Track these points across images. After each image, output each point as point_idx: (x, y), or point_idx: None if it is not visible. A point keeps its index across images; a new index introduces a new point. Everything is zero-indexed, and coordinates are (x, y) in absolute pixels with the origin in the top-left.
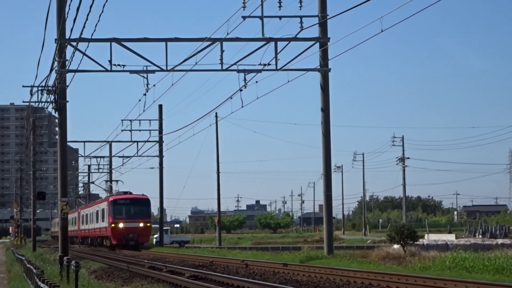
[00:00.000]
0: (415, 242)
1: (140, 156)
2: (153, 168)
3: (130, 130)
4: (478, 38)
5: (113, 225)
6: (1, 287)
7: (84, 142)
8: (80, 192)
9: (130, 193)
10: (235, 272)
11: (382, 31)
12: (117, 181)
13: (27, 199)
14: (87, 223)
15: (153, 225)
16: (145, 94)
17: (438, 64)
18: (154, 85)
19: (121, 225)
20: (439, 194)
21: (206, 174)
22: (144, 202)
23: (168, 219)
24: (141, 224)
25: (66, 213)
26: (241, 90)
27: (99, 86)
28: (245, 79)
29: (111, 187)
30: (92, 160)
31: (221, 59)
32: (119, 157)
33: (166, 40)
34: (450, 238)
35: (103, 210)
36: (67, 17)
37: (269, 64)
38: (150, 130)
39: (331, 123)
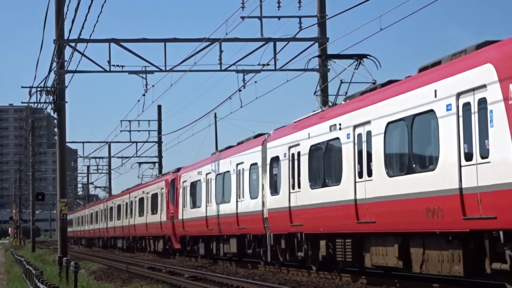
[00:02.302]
0: None
1: (139, 156)
2: (152, 168)
3: (129, 131)
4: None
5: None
6: None
7: (83, 142)
8: (79, 193)
9: None
10: (234, 273)
11: (381, 29)
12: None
13: (26, 200)
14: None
15: None
16: (144, 95)
17: None
18: (153, 86)
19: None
20: None
21: None
22: None
23: None
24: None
25: (65, 214)
26: (240, 90)
27: (98, 87)
28: (244, 79)
29: (110, 189)
30: (91, 160)
31: (220, 59)
32: (118, 157)
33: (165, 40)
34: None
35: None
36: (65, 18)
37: (268, 64)
38: (149, 131)
39: None
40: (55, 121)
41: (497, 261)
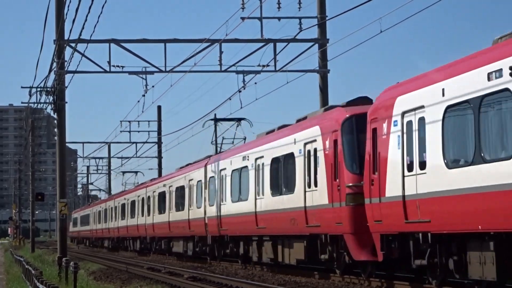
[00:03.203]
0: None
1: (139, 157)
2: (152, 169)
3: (129, 131)
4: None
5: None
6: None
7: (83, 143)
8: (79, 193)
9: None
10: (233, 273)
11: (381, 31)
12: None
13: (26, 200)
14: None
15: None
16: (144, 95)
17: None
18: (153, 86)
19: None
20: None
21: None
22: None
23: None
24: None
25: (65, 214)
26: (240, 91)
27: (98, 87)
28: (244, 80)
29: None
30: (91, 161)
31: (220, 60)
32: (118, 158)
33: (165, 41)
34: None
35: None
36: (66, 18)
37: (268, 65)
38: (149, 131)
39: None
40: (55, 121)
41: None
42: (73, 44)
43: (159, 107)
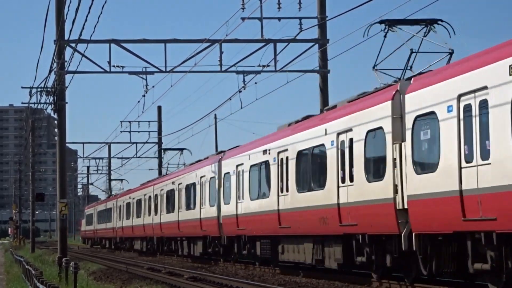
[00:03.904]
0: None
1: (139, 157)
2: (152, 169)
3: (129, 132)
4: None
5: None
6: None
7: (83, 143)
8: (79, 194)
9: None
10: (234, 274)
11: (381, 31)
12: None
13: (26, 200)
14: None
15: None
16: (144, 95)
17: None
18: (153, 86)
19: None
20: None
21: None
22: None
23: None
24: None
25: (65, 214)
26: (240, 91)
27: (98, 88)
28: (244, 80)
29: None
30: (91, 161)
31: (220, 60)
32: (118, 158)
33: (165, 41)
34: None
35: None
36: (66, 18)
37: (268, 66)
38: (149, 132)
39: None
40: (55, 121)
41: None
42: (73, 44)
43: (159, 107)
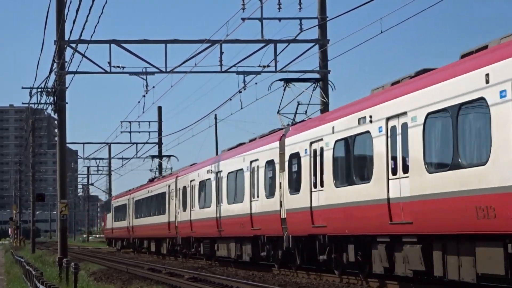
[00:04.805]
0: None
1: (139, 157)
2: (152, 170)
3: (130, 132)
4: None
5: None
6: None
7: (84, 143)
8: (79, 194)
9: None
10: (234, 274)
11: (381, 32)
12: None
13: (26, 201)
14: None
15: None
16: (144, 96)
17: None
18: (153, 87)
19: None
20: None
21: None
22: None
23: None
24: None
25: (65, 215)
26: (240, 92)
27: (98, 88)
28: (244, 81)
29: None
30: (91, 161)
31: (221, 60)
32: (119, 158)
33: (165, 41)
34: None
35: None
36: (66, 18)
37: (268, 66)
38: (149, 132)
39: None
40: (56, 122)
41: None
42: (73, 45)
43: (159, 108)
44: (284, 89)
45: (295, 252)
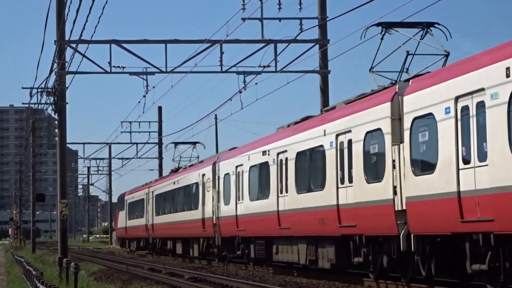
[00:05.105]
0: None
1: (139, 158)
2: (152, 170)
3: (130, 132)
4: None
5: None
6: None
7: (84, 143)
8: (79, 194)
9: None
10: (234, 274)
11: (381, 32)
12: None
13: (27, 201)
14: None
15: None
16: (144, 96)
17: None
18: (153, 87)
19: None
20: None
21: None
22: None
23: None
24: None
25: (65, 215)
26: (240, 92)
27: (98, 88)
28: (244, 81)
29: (110, 188)
30: (91, 161)
31: (221, 60)
32: (119, 158)
33: (165, 41)
34: None
35: None
36: (66, 18)
37: (268, 66)
38: (149, 132)
39: None
40: (56, 122)
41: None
42: (73, 45)
43: (159, 108)
44: (382, 38)
45: (418, 258)
